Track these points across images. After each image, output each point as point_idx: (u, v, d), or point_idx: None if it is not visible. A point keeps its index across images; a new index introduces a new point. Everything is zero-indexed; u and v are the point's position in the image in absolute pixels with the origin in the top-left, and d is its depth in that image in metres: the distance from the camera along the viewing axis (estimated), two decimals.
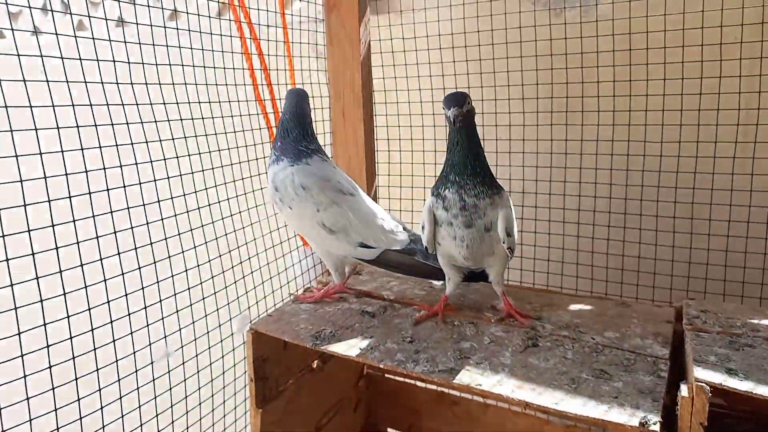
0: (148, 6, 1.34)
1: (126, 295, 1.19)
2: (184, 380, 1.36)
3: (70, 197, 1.08)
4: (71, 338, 1.08)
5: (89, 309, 1.11)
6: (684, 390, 1.03)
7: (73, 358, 1.08)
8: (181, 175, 1.38)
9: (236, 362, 1.57)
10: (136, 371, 1.21)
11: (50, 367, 1.04)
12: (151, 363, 1.25)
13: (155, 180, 1.29)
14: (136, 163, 1.23)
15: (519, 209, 1.90)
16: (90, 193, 1.12)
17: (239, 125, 1.59)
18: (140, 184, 1.23)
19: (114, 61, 1.21)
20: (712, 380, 1.02)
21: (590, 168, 1.78)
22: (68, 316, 1.07)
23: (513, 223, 1.31)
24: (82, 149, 1.10)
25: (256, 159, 1.65)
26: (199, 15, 1.45)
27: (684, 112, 1.61)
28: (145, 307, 1.22)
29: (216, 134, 1.49)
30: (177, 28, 1.38)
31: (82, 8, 1.21)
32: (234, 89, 1.57)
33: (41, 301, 1.01)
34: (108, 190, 1.15)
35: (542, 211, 1.86)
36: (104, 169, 1.14)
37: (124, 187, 1.19)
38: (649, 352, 1.28)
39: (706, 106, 1.58)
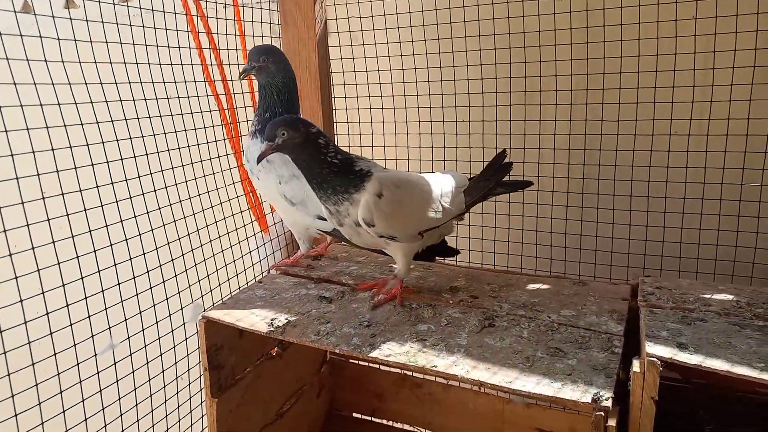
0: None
1: (63, 285, 1.12)
2: (132, 372, 1.31)
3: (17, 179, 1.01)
4: (0, 332, 1.02)
5: (21, 301, 1.04)
6: (636, 365, 1.03)
7: (5, 353, 1.02)
8: (123, 159, 1.32)
9: (190, 352, 1.52)
10: (78, 364, 1.15)
11: None
12: (95, 355, 1.19)
13: (92, 164, 1.22)
14: (86, 146, 1.16)
15: None
16: (38, 174, 1.05)
17: (188, 108, 1.53)
18: (75, 168, 1.17)
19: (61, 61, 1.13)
20: (663, 355, 1.03)
21: (549, 148, 1.77)
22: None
23: (375, 211, 1.27)
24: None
25: (207, 143, 1.59)
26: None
27: (639, 90, 1.61)
28: (86, 298, 1.17)
29: (161, 116, 1.42)
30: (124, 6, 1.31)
31: None
32: (180, 69, 1.50)
33: None
34: (57, 171, 1.09)
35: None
36: (52, 149, 1.07)
37: (56, 171, 1.12)
38: (604, 329, 1.29)
39: (661, 83, 1.58)
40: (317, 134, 1.27)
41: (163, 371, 1.41)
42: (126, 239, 1.28)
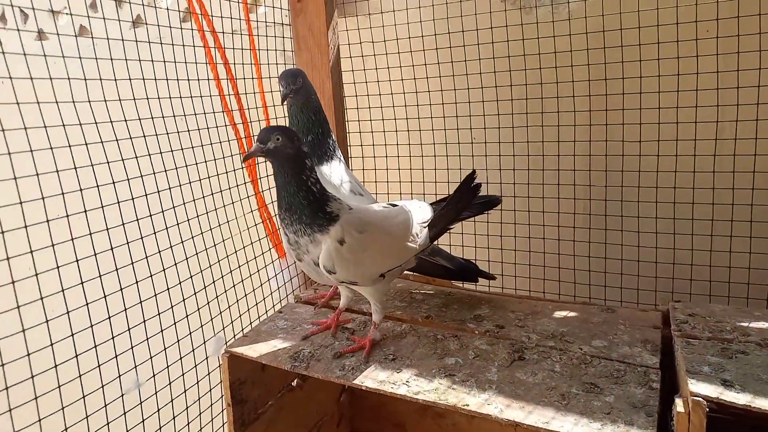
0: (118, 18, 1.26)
1: (92, 326, 1.11)
2: (158, 410, 1.28)
3: (26, 226, 1.00)
4: (32, 377, 1.00)
5: (51, 345, 1.03)
6: (679, 405, 1.00)
7: (36, 398, 1.00)
8: (148, 195, 1.31)
9: (212, 387, 1.50)
10: (105, 406, 1.13)
11: (10, 410, 0.96)
12: (122, 396, 1.17)
13: (118, 202, 1.21)
14: (97, 186, 1.15)
15: (496, 213, 1.86)
16: (48, 221, 1.04)
17: (207, 138, 1.52)
18: (102, 207, 1.16)
19: (69, 79, 1.13)
20: (708, 393, 0.99)
21: (568, 169, 1.75)
22: (28, 354, 0.99)
23: (337, 258, 1.21)
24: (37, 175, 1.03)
25: (226, 173, 1.58)
26: (161, 25, 1.38)
27: (661, 111, 1.59)
28: (113, 337, 1.15)
29: (183, 150, 1.42)
30: (136, 39, 1.31)
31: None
32: (200, 101, 1.49)
33: None
34: (67, 216, 1.08)
35: (521, 215, 1.83)
36: (62, 195, 1.06)
37: (85, 211, 1.11)
38: (639, 361, 1.25)
39: (683, 103, 1.56)
40: (306, 155, 1.21)
41: (186, 408, 1.38)
42: (151, 275, 1.27)
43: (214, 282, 1.49)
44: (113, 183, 1.19)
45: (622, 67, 1.64)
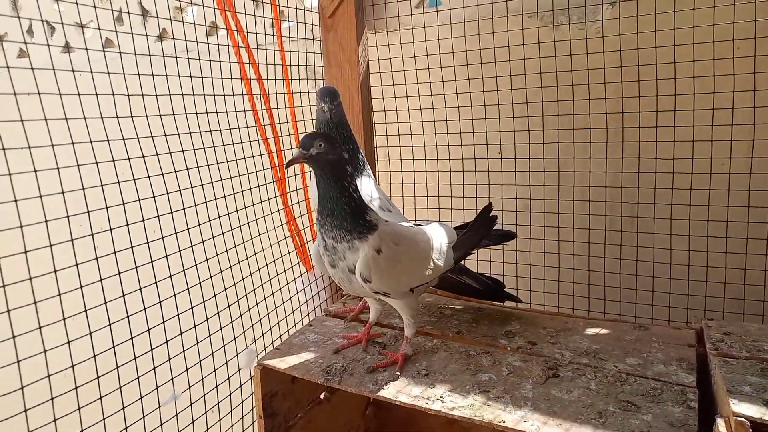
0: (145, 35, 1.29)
1: (132, 338, 1.13)
2: (192, 422, 1.29)
3: (72, 240, 1.03)
4: (76, 388, 1.02)
5: (94, 356, 1.05)
6: (721, 425, 0.99)
7: (79, 409, 1.02)
8: (180, 210, 1.33)
9: (244, 399, 1.51)
10: (144, 417, 1.15)
11: (55, 420, 0.98)
12: (159, 408, 1.19)
13: (158, 216, 1.23)
14: (128, 201, 1.18)
15: (525, 228, 1.86)
16: (93, 234, 1.07)
17: (240, 153, 1.54)
18: (143, 221, 1.18)
19: (114, 94, 1.16)
20: (752, 414, 0.98)
21: (600, 186, 1.74)
22: (72, 366, 1.01)
23: (374, 267, 1.21)
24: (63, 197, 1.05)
25: (259, 186, 1.60)
26: (196, 41, 1.41)
27: (696, 128, 1.58)
28: (152, 349, 1.16)
29: (218, 164, 1.44)
30: (162, 55, 1.33)
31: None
32: (234, 116, 1.52)
33: (44, 351, 0.96)
34: (111, 229, 1.10)
35: (551, 231, 1.82)
36: (106, 208, 1.09)
37: (127, 225, 1.14)
38: (675, 379, 1.24)
39: (718, 121, 1.55)
40: (347, 161, 1.22)
41: (219, 420, 1.39)
42: (188, 287, 1.28)
43: (246, 295, 1.51)
44: (154, 197, 1.21)
45: (638, 86, 1.64)
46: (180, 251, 1.27)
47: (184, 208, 1.29)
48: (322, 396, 1.67)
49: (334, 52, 1.94)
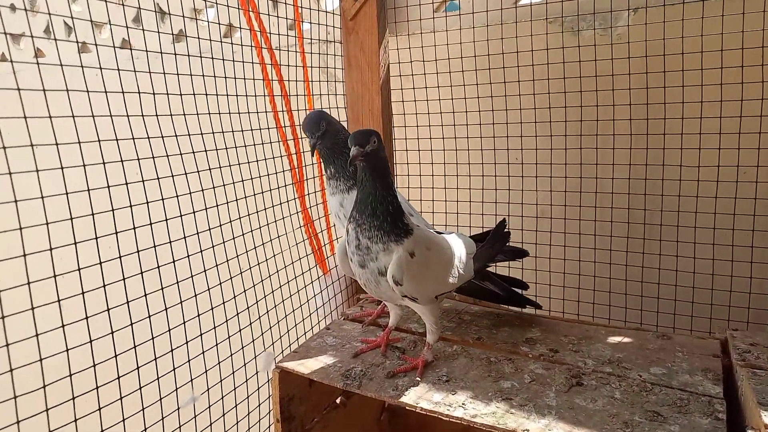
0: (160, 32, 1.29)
1: (153, 338, 1.12)
2: (210, 425, 1.28)
3: (96, 238, 1.02)
4: (97, 388, 1.01)
5: (116, 356, 1.04)
6: None
7: (99, 409, 1.01)
8: (202, 210, 1.32)
9: (261, 402, 1.50)
10: (162, 419, 1.14)
11: (75, 420, 0.97)
12: (177, 409, 1.18)
13: (181, 216, 1.23)
14: (152, 200, 1.17)
15: (545, 234, 1.84)
16: (117, 232, 1.06)
17: (260, 154, 1.54)
18: (166, 220, 1.17)
19: (139, 92, 1.16)
20: None
21: (623, 193, 1.72)
22: (94, 365, 1.00)
23: (406, 271, 1.20)
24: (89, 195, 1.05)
25: (278, 188, 1.59)
26: (218, 42, 1.41)
27: (723, 136, 1.55)
28: (172, 350, 1.16)
29: (239, 164, 1.43)
30: (176, 54, 1.33)
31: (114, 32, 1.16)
32: (256, 117, 1.51)
33: (67, 350, 0.95)
34: (134, 228, 1.09)
35: (572, 238, 1.80)
36: (130, 207, 1.08)
37: (150, 224, 1.13)
38: (701, 390, 1.21)
39: (745, 129, 1.52)
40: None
41: (237, 422, 1.38)
42: (210, 289, 1.28)
43: (265, 297, 1.50)
44: (177, 196, 1.20)
45: (663, 92, 1.62)
46: (201, 251, 1.26)
47: (206, 208, 1.29)
48: (338, 400, 1.66)
49: (355, 54, 1.94)
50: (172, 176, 1.20)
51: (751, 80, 1.49)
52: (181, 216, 1.21)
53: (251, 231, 1.45)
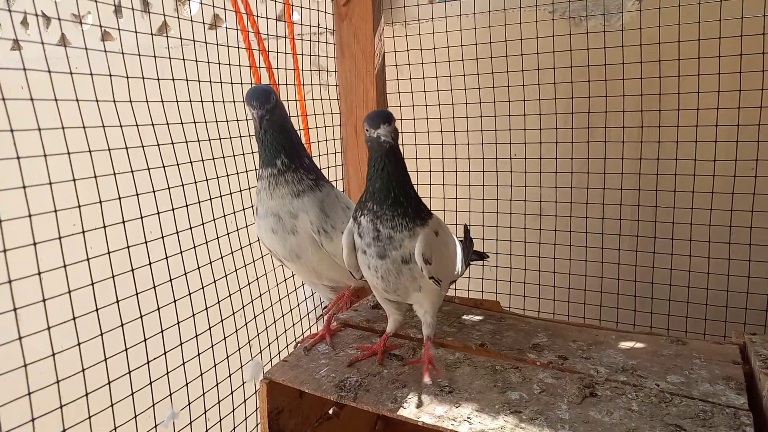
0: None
1: (126, 350, 1.01)
2: None
3: (59, 238, 0.91)
4: (61, 407, 0.90)
5: (83, 370, 0.93)
6: None
7: (64, 431, 0.90)
8: (182, 207, 1.21)
9: (248, 415, 1.39)
10: None
11: None
12: (155, 427, 1.07)
13: (159, 213, 1.12)
14: (125, 195, 1.06)
15: (549, 233, 1.75)
16: (83, 232, 0.95)
17: (248, 147, 1.43)
18: (141, 218, 1.06)
19: (111, 75, 1.04)
20: None
21: (633, 189, 1.63)
22: (57, 381, 0.89)
23: (434, 249, 1.17)
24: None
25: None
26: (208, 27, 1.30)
27: (740, 128, 1.46)
28: (148, 362, 1.04)
29: (224, 157, 1.32)
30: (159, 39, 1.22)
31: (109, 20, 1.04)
32: (243, 106, 1.40)
33: (25, 365, 0.84)
34: (105, 226, 0.98)
35: (577, 236, 1.71)
36: (100, 202, 0.97)
37: (123, 222, 1.02)
38: (724, 401, 1.12)
39: (745, 120, 1.44)
40: None
41: None
42: (191, 294, 1.16)
43: (252, 302, 1.39)
44: (136, 195, 1.09)
45: (678, 81, 1.53)
46: (181, 252, 1.15)
47: (186, 205, 1.18)
48: (330, 411, 1.55)
49: (348, 42, 1.83)
50: (148, 169, 1.09)
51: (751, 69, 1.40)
52: (158, 213, 1.10)
53: (237, 230, 1.34)
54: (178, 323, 1.13)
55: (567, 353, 1.34)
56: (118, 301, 1.00)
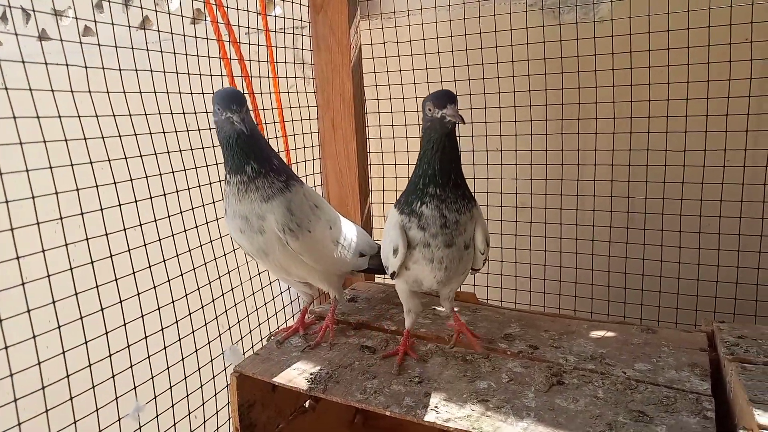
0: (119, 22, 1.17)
1: (86, 342, 1.00)
2: None
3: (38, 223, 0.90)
4: (15, 401, 0.89)
5: (38, 363, 0.92)
6: None
7: (19, 424, 0.89)
8: (153, 198, 1.20)
9: (219, 409, 1.38)
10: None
11: None
12: (119, 420, 1.06)
13: (120, 204, 1.11)
14: (102, 183, 1.05)
15: (525, 225, 1.75)
16: (61, 218, 0.94)
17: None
18: (120, 205, 1.05)
19: (86, 66, 1.03)
20: None
21: (606, 180, 1.64)
22: (11, 374, 0.88)
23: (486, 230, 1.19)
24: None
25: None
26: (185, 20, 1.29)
27: (709, 118, 1.47)
28: (110, 355, 1.04)
29: (203, 148, 1.31)
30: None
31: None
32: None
33: None
34: (82, 213, 0.97)
35: (553, 228, 1.71)
36: (77, 189, 0.96)
37: (101, 210, 1.01)
38: (689, 387, 1.13)
39: (714, 111, 1.45)
40: None
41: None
42: (155, 287, 1.16)
43: (223, 295, 1.38)
44: (114, 183, 1.08)
45: (648, 73, 1.53)
46: (160, 240, 1.14)
47: (164, 194, 1.17)
48: (306, 405, 1.55)
49: (324, 34, 1.82)
50: (126, 158, 1.08)
51: (738, 59, 1.41)
52: (120, 204, 1.09)
53: (216, 220, 1.33)
54: (142, 316, 1.12)
55: (538, 343, 1.34)
56: (77, 294, 0.99)
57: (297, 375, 1.24)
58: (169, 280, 1.19)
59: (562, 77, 1.63)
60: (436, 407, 1.11)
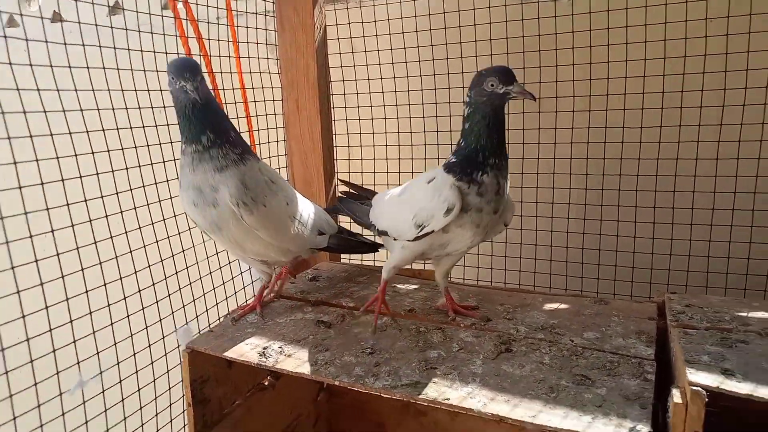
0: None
1: (24, 317, 0.98)
2: (105, 411, 1.16)
3: None
4: None
5: None
6: (676, 395, 0.90)
7: None
8: (114, 171, 1.19)
9: (172, 385, 1.38)
10: (39, 406, 1.01)
11: None
12: (60, 395, 1.05)
13: (80, 176, 1.10)
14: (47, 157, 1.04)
15: None
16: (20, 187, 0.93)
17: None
18: (62, 180, 1.04)
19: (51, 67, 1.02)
20: (709, 383, 0.89)
21: (565, 157, 1.65)
22: None
23: None
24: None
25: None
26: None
27: (665, 95, 1.49)
28: (51, 330, 1.03)
29: (156, 126, 1.30)
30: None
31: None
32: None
33: None
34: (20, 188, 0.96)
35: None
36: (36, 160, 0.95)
37: (63, 181, 1.00)
38: (633, 352, 1.16)
39: (687, 91, 1.46)
40: None
41: (141, 408, 1.26)
42: (101, 263, 1.15)
43: (177, 274, 1.38)
44: (75, 155, 1.08)
45: (607, 50, 1.55)
46: (107, 215, 1.13)
47: (112, 171, 1.16)
48: (266, 382, 1.56)
49: (288, 15, 1.82)
50: (70, 133, 1.07)
51: (713, 52, 1.43)
52: (80, 177, 1.08)
53: (171, 198, 1.32)
54: (86, 292, 1.11)
55: (492, 315, 1.36)
56: (13, 267, 0.98)
57: (249, 350, 1.25)
58: (116, 257, 1.19)
59: (523, 56, 1.64)
60: (384, 376, 1.12)
